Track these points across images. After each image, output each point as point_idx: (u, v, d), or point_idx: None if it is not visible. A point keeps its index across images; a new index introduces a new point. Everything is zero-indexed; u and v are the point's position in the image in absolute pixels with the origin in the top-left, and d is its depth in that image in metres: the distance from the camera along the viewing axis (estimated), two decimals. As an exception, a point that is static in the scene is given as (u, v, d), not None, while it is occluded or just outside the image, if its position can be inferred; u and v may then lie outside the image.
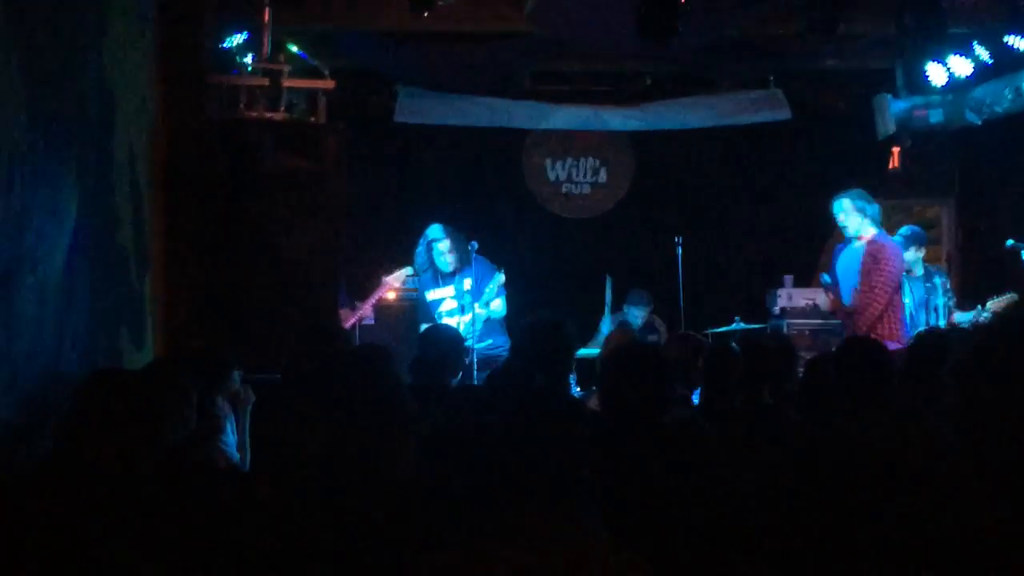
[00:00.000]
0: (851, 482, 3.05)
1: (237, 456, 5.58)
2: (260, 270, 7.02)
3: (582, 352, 7.54)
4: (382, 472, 2.92)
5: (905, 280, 8.20)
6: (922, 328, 7.75)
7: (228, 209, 6.95)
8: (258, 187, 7.08)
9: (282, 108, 7.49)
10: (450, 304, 8.34)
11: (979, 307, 8.21)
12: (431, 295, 8.43)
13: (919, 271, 8.59)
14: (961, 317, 8.34)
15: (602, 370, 4.14)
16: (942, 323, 8.35)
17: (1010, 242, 8.35)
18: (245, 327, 6.87)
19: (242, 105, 7.37)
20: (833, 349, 5.26)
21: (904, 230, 8.78)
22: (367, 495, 2.84)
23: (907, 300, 8.23)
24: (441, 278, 8.43)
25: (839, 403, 4.00)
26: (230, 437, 5.60)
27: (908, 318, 8.13)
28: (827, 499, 3.04)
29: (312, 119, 7.72)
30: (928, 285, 8.57)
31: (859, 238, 7.91)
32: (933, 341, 5.27)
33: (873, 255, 7.74)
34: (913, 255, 8.52)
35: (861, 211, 7.92)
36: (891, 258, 7.75)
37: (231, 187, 6.99)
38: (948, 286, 8.66)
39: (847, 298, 7.86)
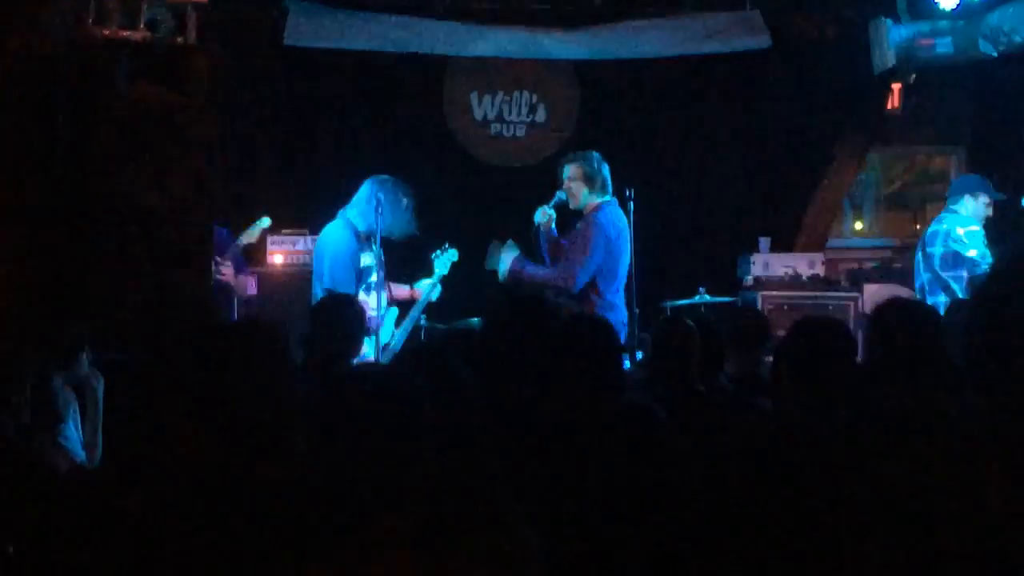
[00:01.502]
0: (819, 481, 3.12)
1: (83, 455, 5.56)
2: (111, 226, 6.97)
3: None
4: (265, 473, 2.94)
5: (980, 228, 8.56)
6: None
7: (70, 151, 6.88)
8: (109, 123, 7.02)
9: (141, 25, 7.41)
10: (377, 275, 8.09)
11: None
12: (364, 260, 7.99)
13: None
14: None
15: (545, 349, 4.19)
16: None
17: (1027, 200, 8.54)
18: (92, 296, 6.82)
19: (90, 21, 7.28)
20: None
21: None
22: (246, 500, 2.86)
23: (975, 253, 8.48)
24: (364, 241, 8.03)
25: (805, 389, 4.09)
26: (73, 432, 5.58)
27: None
28: (786, 500, 3.10)
29: (179, 40, 7.65)
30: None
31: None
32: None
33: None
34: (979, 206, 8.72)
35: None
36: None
37: (74, 124, 6.92)
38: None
39: None
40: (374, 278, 8.04)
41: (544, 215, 8.25)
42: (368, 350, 7.54)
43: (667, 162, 11.08)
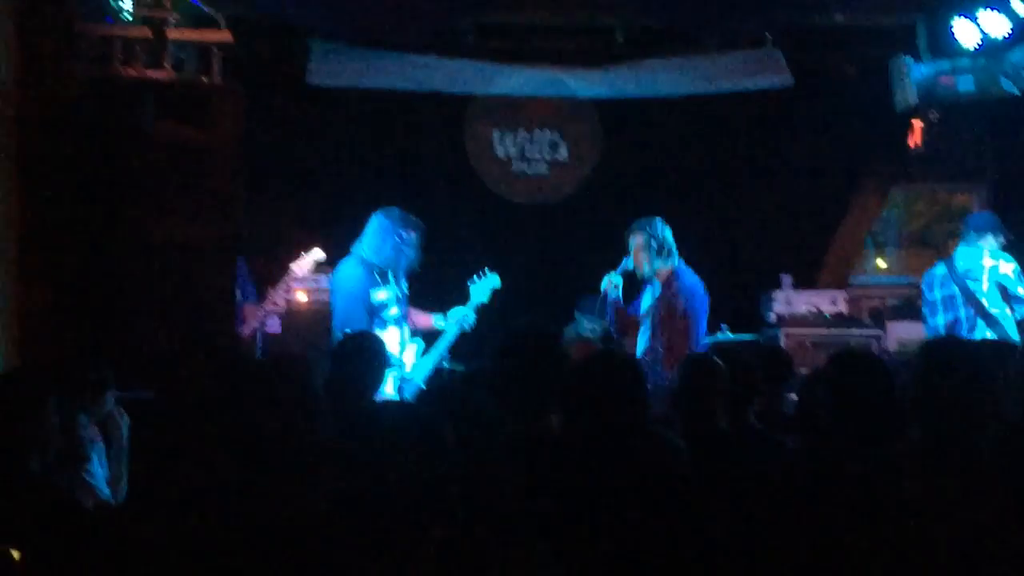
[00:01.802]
0: (849, 523, 3.11)
1: (108, 492, 5.57)
2: (138, 263, 7.00)
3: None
4: (289, 509, 2.95)
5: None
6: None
7: (99, 188, 6.92)
8: (136, 161, 7.05)
9: (167, 65, 7.47)
10: (395, 311, 8.15)
11: None
12: (377, 295, 8.09)
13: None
14: None
15: (570, 386, 4.19)
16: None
17: (1050, 238, 8.52)
18: (118, 333, 6.84)
19: (118, 61, 7.34)
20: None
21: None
22: (270, 536, 2.86)
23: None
24: (381, 277, 8.12)
25: (836, 429, 4.07)
26: (98, 468, 5.59)
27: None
28: (821, 541, 3.10)
29: (204, 79, 7.70)
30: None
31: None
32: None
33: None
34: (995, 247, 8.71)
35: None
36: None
37: (103, 161, 6.96)
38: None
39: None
40: (392, 312, 8.08)
41: (610, 283, 8.32)
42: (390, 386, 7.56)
43: (689, 199, 11.08)
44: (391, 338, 8.01)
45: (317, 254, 8.61)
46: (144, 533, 3.09)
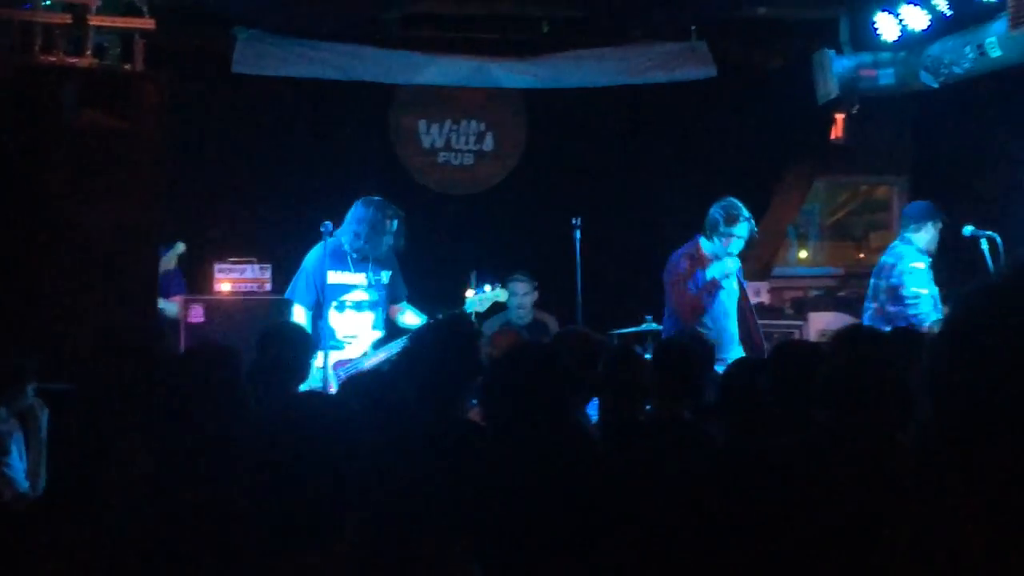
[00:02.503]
0: (780, 511, 3.13)
1: (26, 485, 5.51)
2: (57, 253, 6.91)
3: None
4: (218, 503, 2.92)
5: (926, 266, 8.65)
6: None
7: (19, 176, 6.83)
8: (56, 150, 6.97)
9: (88, 52, 7.38)
10: (361, 296, 8.22)
11: None
12: (335, 277, 8.17)
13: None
14: None
15: (489, 379, 4.19)
16: None
17: (969, 229, 8.61)
18: (36, 324, 6.76)
19: (37, 48, 7.25)
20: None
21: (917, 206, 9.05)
22: (199, 531, 2.84)
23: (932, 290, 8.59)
24: (353, 261, 8.22)
25: (764, 417, 4.11)
26: (16, 462, 5.53)
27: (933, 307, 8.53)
28: (750, 529, 3.12)
29: (126, 67, 7.62)
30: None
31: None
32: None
33: None
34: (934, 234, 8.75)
35: None
36: None
37: (23, 148, 6.87)
38: None
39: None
40: (357, 297, 8.12)
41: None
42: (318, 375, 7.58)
43: (613, 190, 11.11)
44: (353, 322, 8.15)
45: (178, 247, 8.61)
46: (62, 526, 3.05)
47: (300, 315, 8.13)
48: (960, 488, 1.17)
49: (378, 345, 8.24)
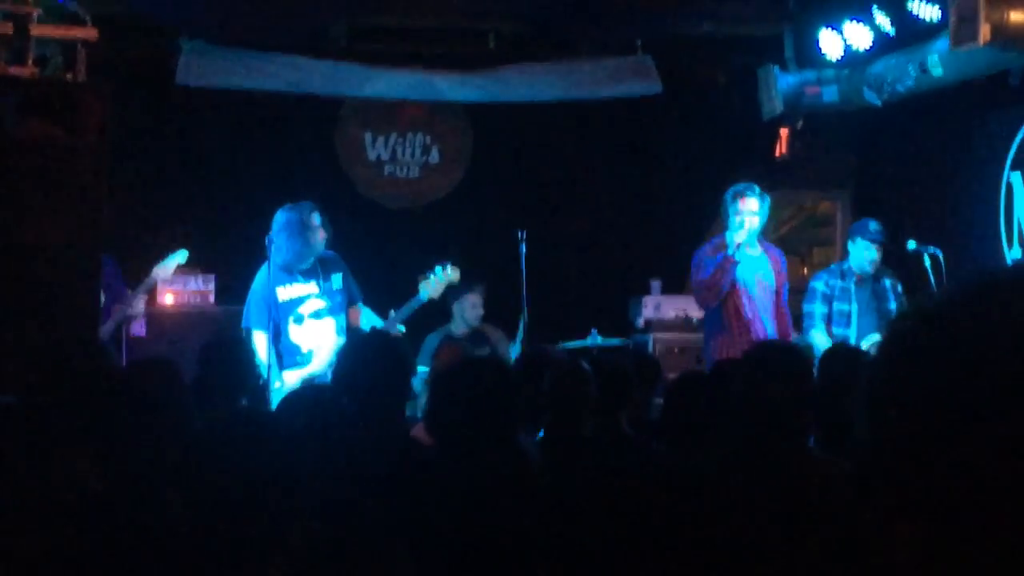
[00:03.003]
0: (720, 529, 3.15)
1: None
2: (-3, 265, 6.84)
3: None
4: (151, 520, 2.90)
5: (847, 284, 8.65)
6: (868, 338, 8.23)
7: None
8: (-3, 161, 6.89)
9: (30, 62, 7.31)
10: (316, 304, 8.17)
11: None
12: (285, 293, 8.10)
13: (871, 271, 8.79)
14: None
15: (434, 393, 4.18)
16: None
17: (912, 245, 8.70)
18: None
19: (-23, 57, 7.18)
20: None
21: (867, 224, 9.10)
22: (145, 550, 2.81)
23: (851, 307, 8.57)
24: (299, 272, 8.15)
25: (708, 433, 4.13)
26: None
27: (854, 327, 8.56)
28: (691, 546, 3.12)
29: (68, 77, 7.56)
30: (876, 287, 8.78)
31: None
32: (845, 357, 5.46)
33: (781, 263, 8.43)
34: (873, 253, 8.76)
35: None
36: None
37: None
38: (900, 289, 8.87)
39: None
40: (313, 307, 8.09)
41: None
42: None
43: (560, 204, 11.15)
44: (314, 332, 8.10)
45: (180, 256, 8.51)
46: (4, 542, 3.02)
47: (260, 340, 7.95)
48: (894, 512, 1.17)
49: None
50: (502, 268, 9.49)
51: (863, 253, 8.64)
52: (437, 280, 8.36)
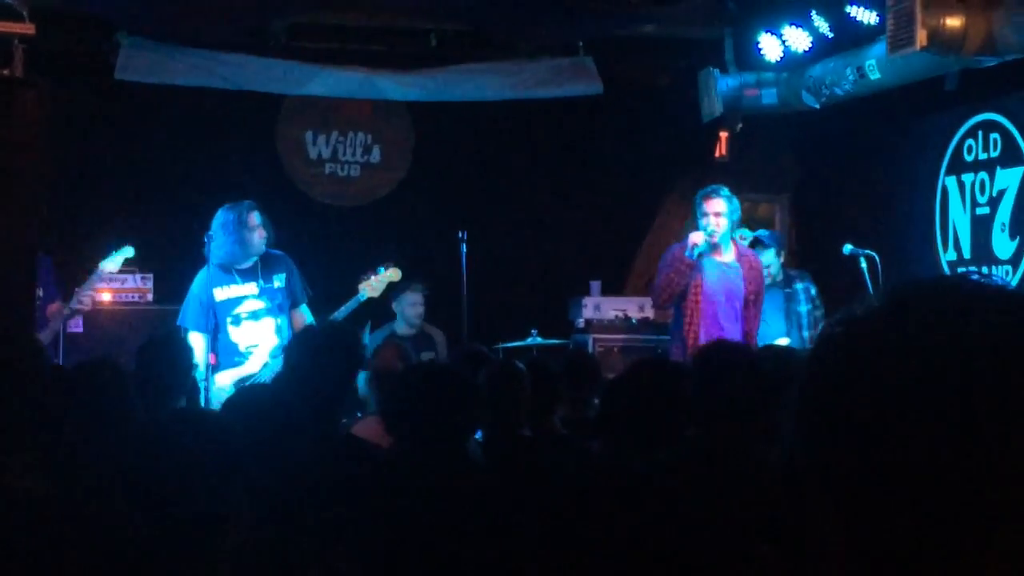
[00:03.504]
0: (652, 528, 3.19)
1: None
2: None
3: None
4: (95, 524, 2.89)
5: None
6: (776, 340, 8.28)
7: None
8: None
9: (-34, 57, 7.26)
10: (255, 305, 8.15)
11: None
12: (221, 293, 8.09)
13: (779, 275, 8.98)
14: None
15: (392, 396, 4.18)
16: (805, 334, 8.81)
17: (848, 248, 8.82)
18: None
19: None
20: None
21: (766, 232, 9.23)
22: (89, 551, 2.81)
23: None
24: (237, 272, 8.16)
25: (638, 433, 4.17)
26: None
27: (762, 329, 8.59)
28: (622, 546, 3.16)
29: (5, 72, 7.51)
30: (788, 291, 8.95)
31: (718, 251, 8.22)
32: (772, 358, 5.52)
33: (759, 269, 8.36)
34: (774, 258, 8.96)
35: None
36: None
37: None
38: (813, 292, 9.04)
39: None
40: (252, 307, 8.07)
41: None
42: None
43: (500, 204, 11.18)
44: (251, 333, 8.12)
45: (127, 251, 8.47)
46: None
47: (197, 340, 7.86)
48: (824, 516, 1.21)
49: (277, 354, 8.20)
50: (443, 268, 9.51)
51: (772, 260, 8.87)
52: (377, 279, 8.37)
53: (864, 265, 8.61)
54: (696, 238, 8.06)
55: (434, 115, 10.95)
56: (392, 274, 8.43)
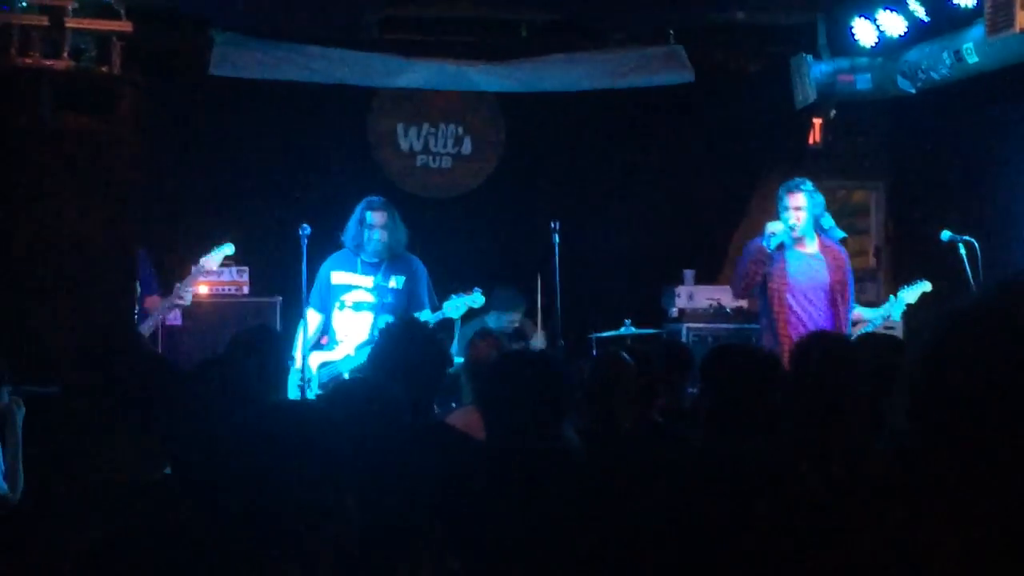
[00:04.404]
0: (763, 517, 3.15)
1: (4, 487, 5.50)
2: (35, 255, 6.90)
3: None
4: (194, 516, 2.91)
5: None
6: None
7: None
8: (33, 153, 6.96)
9: (66, 55, 7.37)
10: (362, 296, 8.38)
11: (892, 297, 8.68)
12: (338, 277, 8.45)
13: None
14: (871, 313, 8.71)
15: (488, 385, 4.18)
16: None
17: (947, 235, 8.68)
18: (14, 326, 6.74)
19: (14, 50, 7.23)
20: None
21: None
22: (171, 544, 2.83)
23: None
24: (362, 263, 8.52)
25: (741, 421, 4.13)
26: (-6, 464, 5.51)
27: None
28: (731, 537, 3.13)
29: (104, 69, 7.62)
30: None
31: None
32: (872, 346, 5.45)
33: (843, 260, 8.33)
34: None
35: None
36: None
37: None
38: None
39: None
40: (358, 298, 8.25)
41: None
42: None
43: (592, 194, 11.14)
44: (349, 322, 8.42)
45: (227, 248, 8.60)
46: (46, 530, 3.05)
47: (312, 318, 8.43)
48: (935, 500, 1.19)
49: (361, 348, 8.28)
50: (535, 259, 9.51)
51: None
52: (464, 303, 8.43)
53: (963, 252, 8.47)
54: (774, 227, 8.11)
55: (524, 105, 10.94)
56: (474, 301, 8.47)
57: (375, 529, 2.81)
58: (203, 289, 9.18)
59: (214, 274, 8.88)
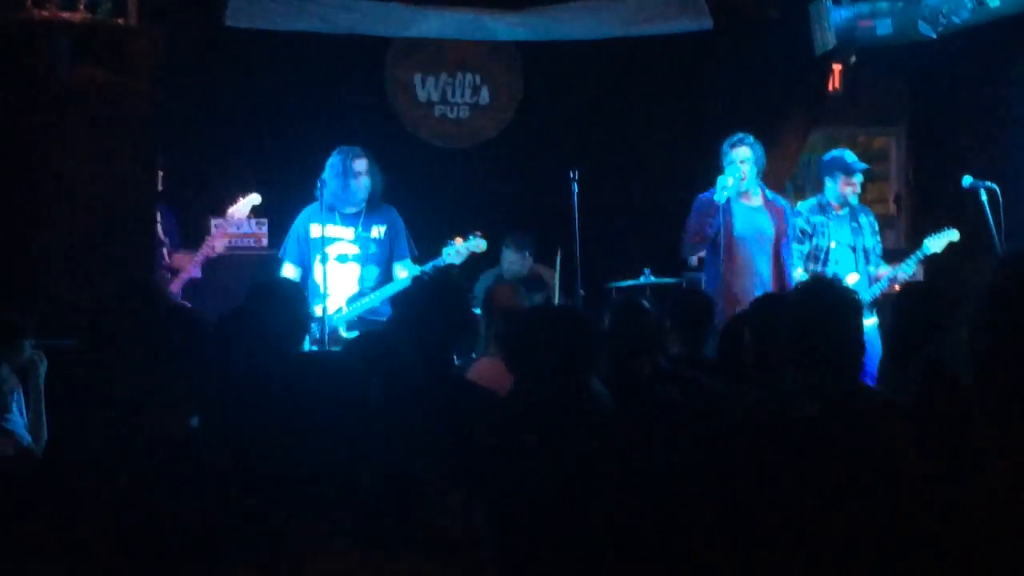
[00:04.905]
0: (790, 465, 3.15)
1: (28, 439, 5.53)
2: (53, 210, 6.91)
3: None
4: (216, 457, 2.93)
5: (826, 219, 8.76)
6: (846, 276, 8.22)
7: (10, 134, 6.81)
8: (49, 106, 6.95)
9: (81, 7, 7.34)
10: (345, 248, 8.29)
11: (917, 252, 8.65)
12: (317, 230, 8.21)
13: (844, 208, 8.84)
14: (896, 271, 8.69)
15: (520, 340, 4.18)
16: (872, 270, 8.73)
17: (968, 180, 8.62)
18: (34, 281, 6.76)
19: (29, 2, 7.21)
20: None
21: (827, 155, 9.12)
22: (211, 490, 2.84)
23: (829, 242, 8.60)
24: (340, 215, 8.34)
25: (768, 371, 4.13)
26: (17, 416, 5.55)
27: (833, 263, 8.65)
28: (761, 486, 3.12)
29: (120, 21, 7.59)
30: (854, 225, 8.82)
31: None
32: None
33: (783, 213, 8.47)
34: (836, 186, 8.83)
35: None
36: None
37: (17, 105, 6.85)
38: (876, 227, 8.97)
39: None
40: (335, 250, 8.19)
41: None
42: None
43: (610, 144, 11.11)
44: (334, 275, 8.23)
45: (254, 198, 8.59)
46: (70, 481, 3.06)
47: (289, 271, 8.31)
48: (1008, 450, 1.19)
49: (352, 301, 8.26)
50: (553, 208, 9.48)
51: (843, 187, 8.71)
52: (463, 247, 8.33)
53: (985, 198, 8.42)
54: (725, 181, 8.23)
55: (542, 54, 10.90)
56: (476, 246, 8.38)
57: (397, 480, 2.81)
58: (219, 244, 9.18)
59: (232, 226, 8.87)
